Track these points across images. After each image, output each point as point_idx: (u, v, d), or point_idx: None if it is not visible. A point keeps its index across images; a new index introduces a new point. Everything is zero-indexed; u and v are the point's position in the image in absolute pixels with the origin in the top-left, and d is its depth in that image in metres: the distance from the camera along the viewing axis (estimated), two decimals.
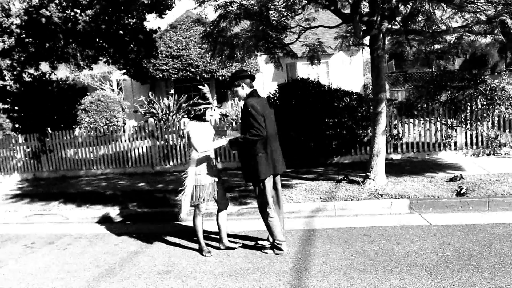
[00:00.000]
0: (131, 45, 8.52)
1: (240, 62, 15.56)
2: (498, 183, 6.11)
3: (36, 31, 7.03)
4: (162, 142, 9.63)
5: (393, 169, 7.51)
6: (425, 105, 8.22)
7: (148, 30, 8.70)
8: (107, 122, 15.25)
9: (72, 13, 7.30)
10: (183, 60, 15.37)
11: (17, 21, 6.35)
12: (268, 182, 4.30)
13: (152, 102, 15.84)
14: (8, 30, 6.33)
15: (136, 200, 7.11)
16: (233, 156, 9.24)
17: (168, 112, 15.52)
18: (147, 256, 4.70)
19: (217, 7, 5.11)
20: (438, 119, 8.31)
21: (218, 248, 4.68)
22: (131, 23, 7.95)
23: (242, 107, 4.37)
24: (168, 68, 15.57)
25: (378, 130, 6.38)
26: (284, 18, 5.97)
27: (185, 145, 4.58)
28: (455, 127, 8.23)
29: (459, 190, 5.83)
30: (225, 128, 8.64)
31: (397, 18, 6.48)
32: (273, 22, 5.75)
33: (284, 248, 4.37)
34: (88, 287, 4.00)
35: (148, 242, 5.21)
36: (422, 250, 4.17)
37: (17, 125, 10.65)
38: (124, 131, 9.83)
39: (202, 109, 4.57)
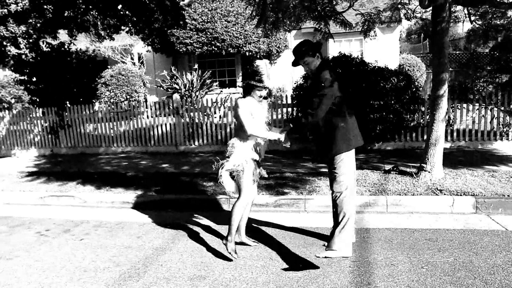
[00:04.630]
0: (157, 14, 7.76)
1: (268, 37, 14.66)
2: None
3: None
4: (187, 120, 8.95)
5: (445, 159, 6.68)
6: (482, 88, 7.31)
7: None
8: (128, 97, 14.65)
9: None
10: (208, 33, 14.54)
11: None
12: None
13: (175, 77, 15.12)
14: None
15: (160, 184, 6.50)
16: None
17: (191, 88, 14.79)
18: (175, 255, 4.06)
19: None
20: (497, 104, 7.40)
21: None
22: None
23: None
24: (192, 41, 14.77)
25: (438, 116, 5.55)
26: None
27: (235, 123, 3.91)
28: None
29: None
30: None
31: None
32: None
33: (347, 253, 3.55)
34: None
35: (174, 236, 4.58)
36: (509, 264, 3.42)
37: (34, 98, 10.10)
38: (147, 107, 9.18)
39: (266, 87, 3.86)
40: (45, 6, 6.93)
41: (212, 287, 3.35)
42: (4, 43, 6.82)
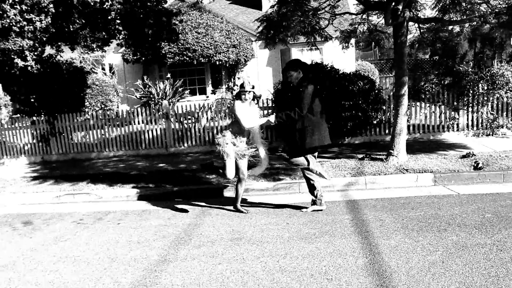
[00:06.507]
0: (150, 28, 8.62)
1: (237, 47, 15.72)
2: (508, 159, 6.77)
3: (65, 12, 7.09)
4: (177, 124, 9.83)
5: (406, 148, 8.03)
6: (432, 89, 8.81)
7: (170, 11, 8.79)
8: (103, 106, 15.17)
9: None
10: (180, 44, 15.40)
11: None
12: None
13: (148, 86, 15.84)
14: (45, 10, 6.34)
15: (165, 179, 7.35)
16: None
17: (164, 96, 15.58)
18: (207, 227, 5.02)
19: None
20: (444, 102, 8.93)
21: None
22: (153, 5, 8.06)
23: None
24: (164, 52, 15.53)
25: (401, 111, 6.89)
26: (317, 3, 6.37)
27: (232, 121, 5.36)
28: (459, 109, 8.87)
29: (475, 165, 6.44)
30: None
31: (418, 8, 6.95)
32: (309, 7, 6.13)
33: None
34: (168, 254, 4.30)
35: (200, 216, 5.51)
36: (464, 213, 4.71)
37: (23, 108, 10.54)
38: (138, 114, 9.95)
39: (252, 92, 5.31)
40: (61, 20, 7.64)
41: (251, 243, 4.36)
42: (12, 55, 7.42)
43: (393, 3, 6.37)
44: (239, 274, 3.65)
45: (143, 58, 11.71)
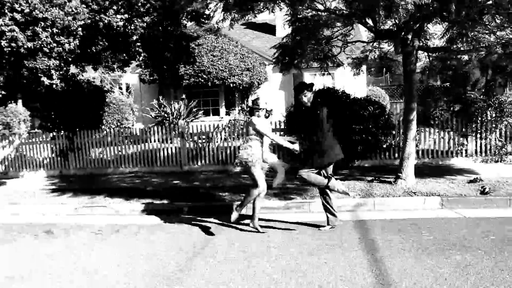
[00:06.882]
0: (169, 51, 9.03)
1: (251, 71, 16.13)
2: None
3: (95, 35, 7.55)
4: (192, 143, 10.13)
5: (415, 172, 8.20)
6: (441, 116, 9.02)
7: (190, 36, 9.24)
8: (119, 124, 15.60)
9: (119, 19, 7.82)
10: (195, 66, 15.89)
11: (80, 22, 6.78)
12: None
13: (163, 106, 16.27)
14: (74, 33, 6.77)
15: (181, 195, 7.59)
16: None
17: (179, 116, 15.97)
18: (220, 241, 5.22)
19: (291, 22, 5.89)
20: (453, 128, 9.12)
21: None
22: (174, 30, 8.49)
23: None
24: (181, 73, 16.03)
25: (409, 136, 7.10)
26: (330, 32, 6.72)
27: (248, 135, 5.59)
28: (468, 135, 9.04)
29: (482, 189, 6.58)
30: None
31: (427, 37, 7.24)
32: (322, 35, 6.49)
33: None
34: (186, 266, 4.50)
35: (213, 230, 5.71)
36: (470, 236, 4.86)
37: (44, 124, 10.97)
38: (154, 132, 10.29)
39: (265, 110, 5.60)
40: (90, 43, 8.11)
41: (259, 257, 4.55)
42: (39, 74, 7.84)
43: (403, 33, 6.68)
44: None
45: (159, 79, 12.13)
